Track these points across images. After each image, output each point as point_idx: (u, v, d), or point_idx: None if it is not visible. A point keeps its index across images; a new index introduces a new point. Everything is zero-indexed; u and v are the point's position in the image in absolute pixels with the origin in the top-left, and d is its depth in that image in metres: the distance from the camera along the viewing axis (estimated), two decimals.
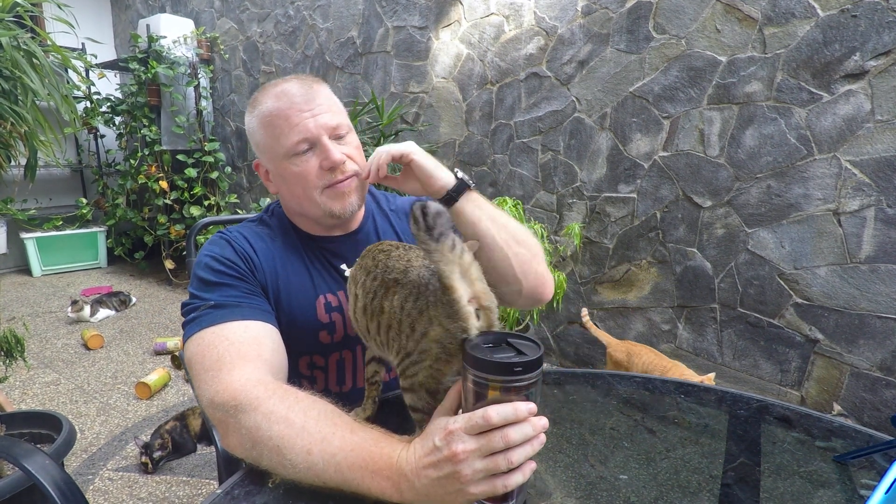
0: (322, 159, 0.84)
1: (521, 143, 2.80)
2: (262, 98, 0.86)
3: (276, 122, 0.83)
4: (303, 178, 0.84)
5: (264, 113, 0.85)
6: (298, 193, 0.86)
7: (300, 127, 0.82)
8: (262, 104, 0.85)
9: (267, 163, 0.89)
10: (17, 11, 1.49)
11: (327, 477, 0.58)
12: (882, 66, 1.80)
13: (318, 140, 0.83)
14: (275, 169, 0.88)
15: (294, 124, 0.82)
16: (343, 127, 0.87)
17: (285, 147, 0.83)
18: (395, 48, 3.29)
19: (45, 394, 2.52)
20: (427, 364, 0.61)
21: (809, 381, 2.07)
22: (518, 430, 0.52)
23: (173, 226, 4.30)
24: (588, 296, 2.69)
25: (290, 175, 0.85)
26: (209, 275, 0.81)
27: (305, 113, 0.83)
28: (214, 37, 4.46)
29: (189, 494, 1.83)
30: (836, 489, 0.66)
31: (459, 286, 0.57)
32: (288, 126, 0.82)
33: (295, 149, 0.83)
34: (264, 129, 0.85)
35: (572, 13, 2.51)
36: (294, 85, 0.85)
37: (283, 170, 0.86)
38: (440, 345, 0.60)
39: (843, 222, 1.94)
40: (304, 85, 0.85)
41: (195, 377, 0.72)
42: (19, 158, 1.62)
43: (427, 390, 0.62)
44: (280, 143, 0.84)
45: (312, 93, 0.85)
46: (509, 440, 0.51)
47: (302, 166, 0.84)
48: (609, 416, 0.85)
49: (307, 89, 0.85)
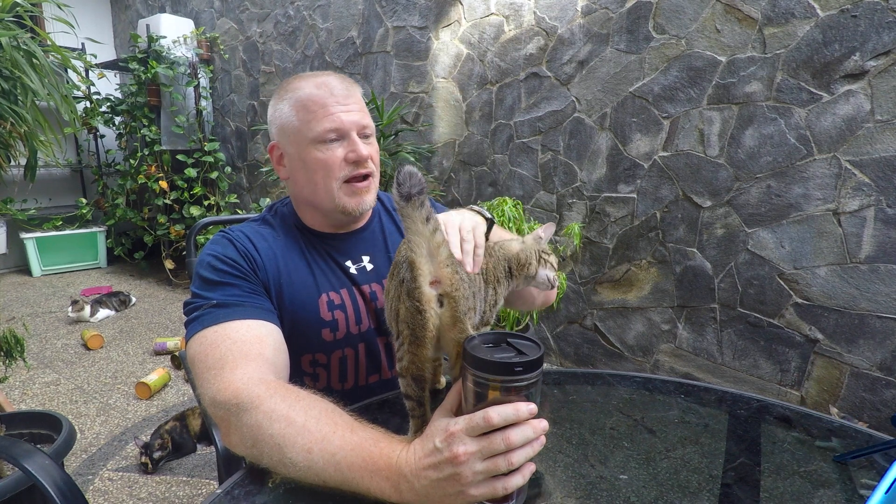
0: (349, 151, 0.87)
1: (521, 143, 2.80)
2: (299, 84, 0.89)
3: (313, 107, 0.86)
4: (326, 165, 0.87)
5: (301, 97, 0.87)
6: (317, 180, 0.88)
7: (335, 117, 0.86)
8: (300, 89, 0.88)
9: (289, 146, 0.90)
10: (17, 11, 1.49)
11: (327, 476, 0.59)
12: (882, 66, 1.80)
13: (348, 133, 0.87)
14: (297, 152, 0.89)
15: (329, 113, 0.86)
16: (370, 128, 0.91)
17: (315, 132, 0.86)
18: (394, 48, 3.30)
19: (44, 394, 2.52)
20: (406, 348, 0.60)
21: (809, 381, 2.07)
22: (519, 433, 0.52)
23: (173, 226, 4.30)
24: (588, 296, 2.69)
25: (312, 160, 0.87)
26: (211, 274, 0.82)
27: (342, 106, 0.87)
28: (214, 37, 4.46)
29: (189, 494, 1.83)
30: (836, 489, 0.66)
31: (422, 263, 0.56)
32: (323, 113, 0.86)
33: (325, 136, 0.86)
34: (297, 111, 0.87)
35: (572, 13, 2.51)
36: (334, 79, 0.89)
37: (306, 154, 0.88)
38: (408, 326, 0.59)
39: (843, 222, 1.94)
40: (343, 81, 0.90)
41: (197, 376, 0.73)
42: (19, 158, 1.62)
43: (412, 377, 0.61)
44: (310, 128, 0.86)
45: (351, 91, 0.89)
46: (511, 442, 0.51)
47: (327, 154, 0.87)
48: (609, 416, 0.85)
49: (347, 86, 0.89)
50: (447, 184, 3.18)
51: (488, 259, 0.75)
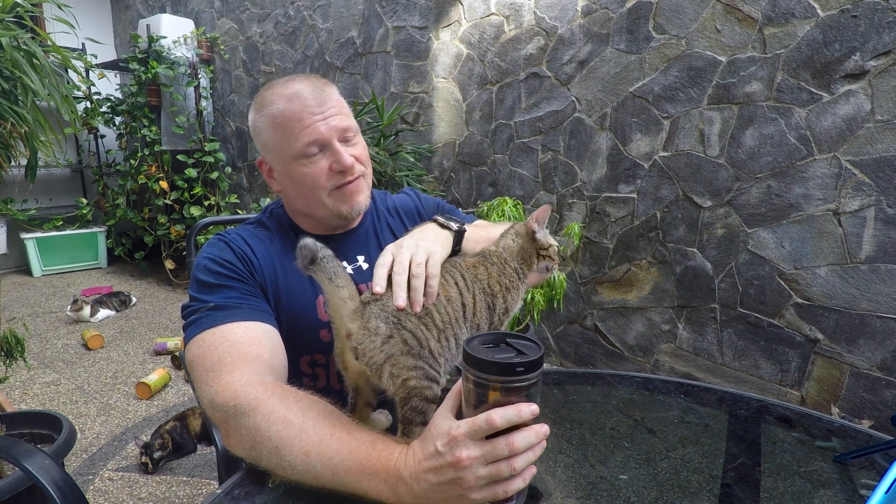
0: (333, 162, 0.84)
1: (521, 143, 2.80)
2: (271, 98, 0.85)
3: (288, 123, 0.83)
4: (312, 178, 0.85)
5: (275, 114, 0.84)
6: (306, 194, 0.87)
7: (312, 129, 0.82)
8: (273, 105, 0.84)
9: (274, 162, 0.89)
10: (17, 12, 1.49)
11: (325, 479, 0.59)
12: (882, 66, 1.80)
13: (329, 143, 0.84)
14: (282, 169, 0.88)
15: (306, 126, 0.82)
16: (352, 129, 0.88)
17: (296, 148, 0.83)
18: (395, 48, 3.30)
19: (45, 394, 2.52)
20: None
21: (809, 381, 2.07)
22: (523, 437, 0.51)
23: (173, 226, 4.30)
24: (588, 296, 2.69)
25: (298, 175, 0.86)
26: (208, 277, 0.82)
27: (317, 116, 0.83)
28: (214, 37, 4.46)
29: (189, 494, 1.83)
30: (836, 489, 0.66)
31: (335, 319, 0.64)
32: (300, 128, 0.82)
33: (306, 151, 0.83)
34: (274, 129, 0.85)
35: (572, 13, 2.51)
36: (305, 86, 0.84)
37: (291, 170, 0.86)
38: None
39: (843, 222, 1.94)
40: (314, 87, 0.85)
41: (196, 378, 0.73)
42: (19, 159, 1.62)
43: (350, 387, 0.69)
44: (290, 145, 0.83)
45: (324, 95, 0.85)
46: (514, 447, 0.51)
47: (312, 168, 0.84)
48: (609, 416, 0.85)
49: (319, 92, 0.84)
50: (447, 184, 3.18)
51: (488, 268, 0.76)
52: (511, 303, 0.76)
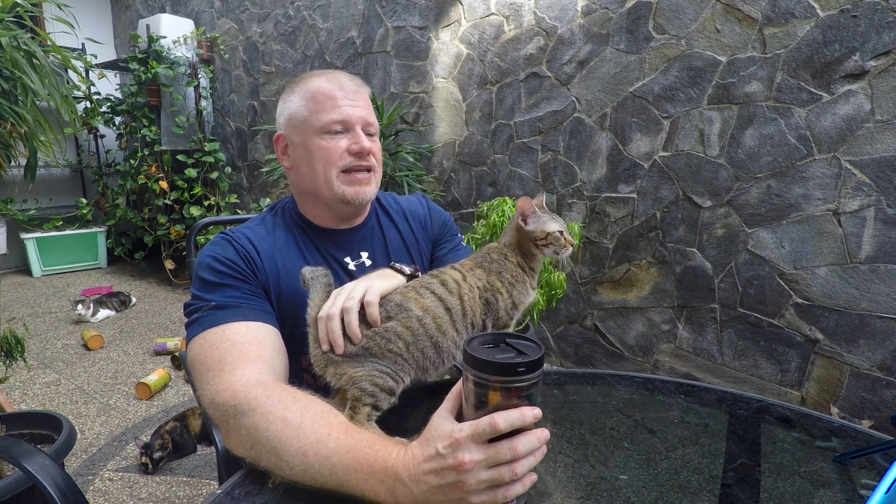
0: (352, 143, 0.90)
1: (521, 143, 2.80)
2: (311, 79, 0.92)
3: (322, 98, 0.90)
4: (328, 153, 0.89)
5: (313, 89, 0.90)
6: (318, 169, 0.90)
7: (342, 109, 0.89)
8: (312, 82, 0.91)
9: (294, 135, 0.93)
10: (17, 12, 1.49)
11: (323, 479, 0.59)
12: (882, 66, 1.80)
13: (353, 126, 0.90)
14: (302, 141, 0.91)
15: (338, 105, 0.90)
16: (374, 126, 0.95)
17: (322, 122, 0.89)
18: (395, 48, 3.30)
19: (45, 394, 2.52)
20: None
21: (809, 381, 2.07)
22: (525, 442, 0.51)
23: (173, 226, 4.30)
24: (588, 296, 2.69)
25: (316, 149, 0.90)
26: (211, 275, 0.82)
27: (350, 101, 0.91)
28: (214, 37, 4.46)
29: (189, 495, 1.83)
30: (836, 489, 0.66)
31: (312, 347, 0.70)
32: (332, 105, 0.89)
33: (330, 126, 0.89)
34: (307, 101, 0.90)
35: (572, 13, 2.51)
36: (345, 77, 0.93)
37: (311, 142, 0.90)
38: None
39: (843, 222, 1.94)
40: (353, 80, 0.94)
41: (197, 377, 0.73)
42: (19, 159, 1.62)
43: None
44: (318, 118, 0.89)
45: (360, 90, 0.94)
46: (517, 452, 0.51)
47: (331, 143, 0.89)
48: (609, 417, 0.85)
49: (356, 85, 0.93)
50: (447, 184, 3.18)
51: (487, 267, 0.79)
52: (518, 296, 0.78)
